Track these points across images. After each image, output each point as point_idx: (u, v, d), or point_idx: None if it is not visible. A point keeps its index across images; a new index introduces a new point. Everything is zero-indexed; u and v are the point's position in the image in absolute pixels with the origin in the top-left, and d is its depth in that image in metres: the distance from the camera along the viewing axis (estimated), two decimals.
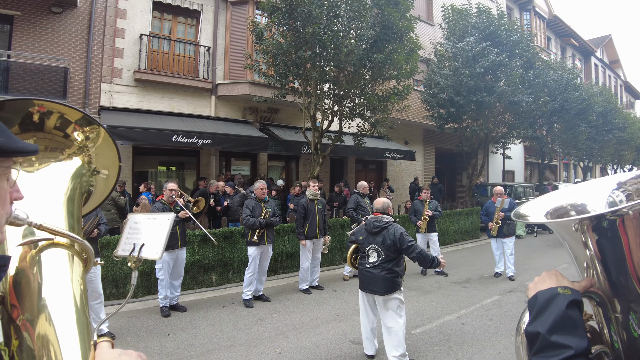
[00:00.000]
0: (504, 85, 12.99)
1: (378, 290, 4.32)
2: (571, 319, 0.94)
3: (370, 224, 4.50)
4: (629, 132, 24.28)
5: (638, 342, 1.13)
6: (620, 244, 1.15)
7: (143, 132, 9.28)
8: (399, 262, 4.38)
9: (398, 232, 4.32)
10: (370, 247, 4.43)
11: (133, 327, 5.53)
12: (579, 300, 0.99)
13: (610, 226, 1.16)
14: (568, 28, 28.23)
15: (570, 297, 0.99)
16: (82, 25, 10.26)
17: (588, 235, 1.19)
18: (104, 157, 1.39)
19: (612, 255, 1.17)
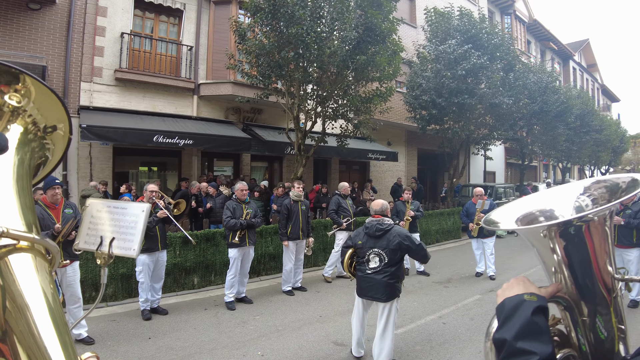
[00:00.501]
0: (485, 88, 13.16)
1: (380, 297, 4.17)
2: (536, 326, 0.97)
3: (372, 227, 4.31)
4: (605, 134, 24.91)
5: (605, 344, 1.17)
6: (586, 249, 1.19)
7: (123, 133, 9.14)
8: (400, 266, 4.28)
9: (403, 233, 4.20)
10: (371, 251, 4.24)
11: (113, 331, 5.45)
12: (545, 307, 1.02)
13: (577, 232, 1.19)
14: (547, 32, 28.80)
15: (536, 303, 1.01)
16: (61, 22, 10.04)
17: (555, 241, 1.22)
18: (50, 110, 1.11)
19: (579, 260, 1.20)
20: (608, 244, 1.22)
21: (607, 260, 1.20)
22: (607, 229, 1.22)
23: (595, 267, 1.19)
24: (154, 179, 11.57)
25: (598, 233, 1.20)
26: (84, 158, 10.12)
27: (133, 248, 1.68)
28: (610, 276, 1.19)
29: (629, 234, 6.95)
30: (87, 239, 1.70)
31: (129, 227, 1.72)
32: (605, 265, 1.20)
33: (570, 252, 1.21)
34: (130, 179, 11.61)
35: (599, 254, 1.20)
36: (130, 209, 1.78)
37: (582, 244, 1.19)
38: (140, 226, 1.71)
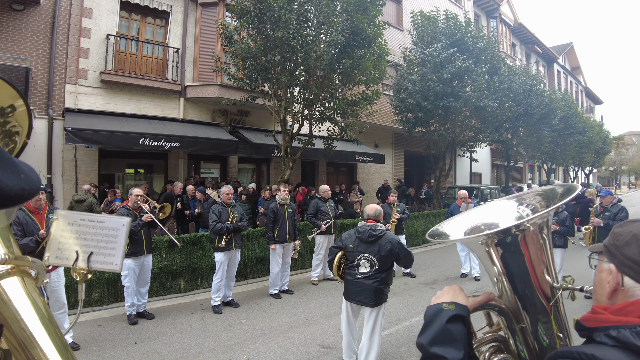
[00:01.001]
0: (470, 91, 13.33)
1: (367, 302, 4.15)
2: (450, 333, 1.05)
3: (365, 232, 4.25)
4: (588, 136, 25.39)
5: (547, 350, 1.23)
6: (523, 258, 1.25)
7: (109, 135, 9.07)
8: (390, 272, 4.27)
9: (395, 240, 4.18)
10: (362, 256, 4.21)
11: (99, 336, 5.42)
12: (461, 315, 1.09)
13: (513, 241, 1.25)
14: (532, 35, 29.23)
15: (453, 312, 1.09)
16: (45, 23, 9.94)
17: (493, 251, 1.28)
18: None
19: (516, 269, 1.26)
20: (546, 252, 1.27)
21: (544, 269, 1.26)
22: (544, 238, 1.27)
23: (533, 277, 1.25)
24: (140, 183, 11.51)
25: (534, 242, 1.25)
26: (69, 161, 10.03)
27: (115, 262, 1.64)
28: (549, 285, 1.25)
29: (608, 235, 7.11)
30: (59, 254, 1.62)
31: (109, 242, 1.67)
32: (543, 275, 1.25)
33: (507, 262, 1.27)
34: (116, 182, 11.53)
35: (536, 264, 1.25)
36: (108, 223, 1.73)
37: (518, 253, 1.25)
38: (122, 240, 1.67)
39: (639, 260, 0.96)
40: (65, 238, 1.65)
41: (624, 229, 1.02)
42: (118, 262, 1.63)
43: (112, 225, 1.71)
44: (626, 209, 7.35)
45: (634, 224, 1.02)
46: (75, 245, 1.62)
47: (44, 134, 9.70)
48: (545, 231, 1.28)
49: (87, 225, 1.70)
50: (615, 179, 56.38)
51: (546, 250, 1.28)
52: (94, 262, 1.59)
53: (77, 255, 1.59)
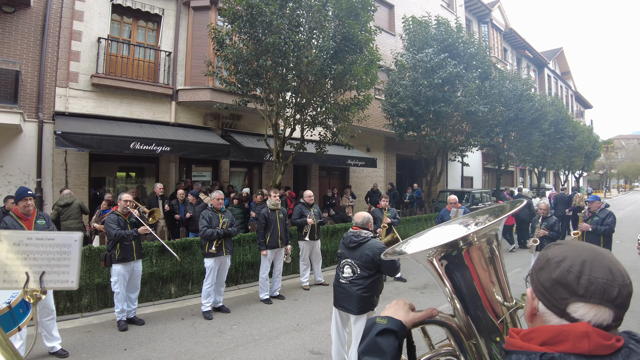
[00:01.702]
0: (461, 96, 13.43)
1: (351, 309, 4.16)
2: (377, 345, 1.12)
3: (347, 238, 4.31)
4: (578, 140, 25.66)
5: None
6: (470, 276, 1.26)
7: (100, 140, 9.01)
8: (376, 279, 4.20)
9: (377, 248, 4.14)
10: (345, 261, 4.25)
11: (88, 342, 5.38)
12: (392, 329, 1.15)
13: (457, 255, 1.26)
14: (523, 40, 29.53)
15: (384, 326, 1.16)
16: (35, 26, 9.87)
17: (438, 266, 1.30)
18: None
19: (465, 287, 1.28)
20: (496, 270, 1.28)
21: (494, 289, 1.27)
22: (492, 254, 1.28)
23: (483, 296, 1.26)
24: (130, 186, 11.46)
25: (480, 258, 1.26)
26: (59, 165, 9.95)
27: (71, 280, 1.57)
28: (499, 304, 1.26)
29: (596, 241, 7.22)
30: (7, 277, 1.51)
31: (62, 259, 1.59)
32: (493, 295, 1.26)
33: (455, 279, 1.29)
34: (107, 185, 11.46)
35: (485, 283, 1.26)
36: (59, 239, 1.66)
37: (464, 268, 1.26)
38: (76, 255, 1.59)
39: (547, 285, 0.95)
40: (12, 260, 1.56)
41: (544, 253, 1.01)
42: (74, 279, 1.56)
43: (64, 242, 1.63)
44: (614, 214, 7.44)
45: (553, 247, 1.01)
46: (24, 266, 1.54)
47: (33, 138, 9.63)
48: (493, 248, 1.29)
49: (36, 244, 1.62)
50: (605, 182, 57.04)
51: (496, 268, 1.28)
52: (47, 281, 1.52)
53: (28, 277, 1.50)
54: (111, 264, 5.77)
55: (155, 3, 11.51)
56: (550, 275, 0.95)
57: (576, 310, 0.91)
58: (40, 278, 1.48)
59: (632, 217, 23.26)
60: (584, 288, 0.89)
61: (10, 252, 1.55)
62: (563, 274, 0.92)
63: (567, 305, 0.91)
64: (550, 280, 0.94)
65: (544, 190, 22.71)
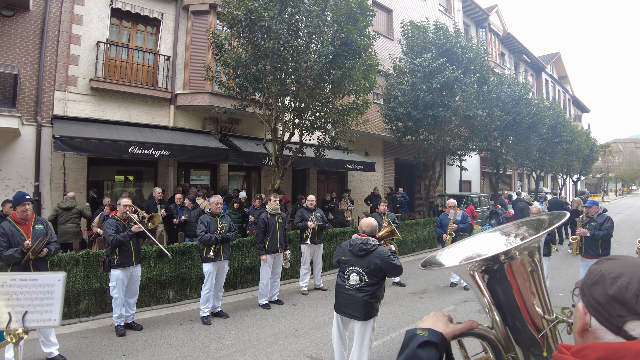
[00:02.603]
0: (459, 101, 13.46)
1: (357, 316, 4.16)
2: (419, 357, 1.12)
3: (355, 246, 4.28)
4: (576, 144, 25.75)
5: None
6: (511, 288, 1.24)
7: (98, 143, 9.00)
8: (381, 286, 4.25)
9: (385, 257, 4.15)
10: (352, 269, 4.23)
11: (86, 348, 5.36)
12: (433, 342, 1.14)
13: (499, 269, 1.25)
14: (521, 45, 29.65)
15: (425, 338, 1.15)
16: (34, 30, 9.87)
17: (479, 279, 1.29)
18: None
19: (505, 299, 1.26)
20: (536, 283, 1.26)
21: (534, 301, 1.25)
22: (534, 267, 1.26)
23: (523, 308, 1.24)
24: (128, 190, 11.42)
25: (522, 271, 1.24)
26: (57, 168, 9.93)
27: (54, 318, 1.58)
28: (540, 317, 1.24)
29: (594, 245, 7.25)
30: None
31: (45, 298, 1.60)
32: (534, 307, 1.24)
33: (495, 291, 1.27)
34: (105, 189, 11.43)
35: (525, 295, 1.24)
36: (42, 280, 1.67)
37: (505, 282, 1.25)
38: (59, 295, 1.60)
39: (603, 302, 0.93)
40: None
41: (596, 267, 0.99)
42: (56, 318, 1.57)
43: (47, 282, 1.65)
44: (611, 218, 7.45)
45: (606, 262, 0.99)
46: (7, 306, 1.55)
47: (32, 141, 9.61)
48: (534, 261, 1.27)
49: (19, 284, 1.63)
50: (603, 186, 57.19)
51: (537, 280, 1.26)
52: (29, 320, 1.54)
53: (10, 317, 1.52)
54: (110, 269, 5.76)
55: (154, 7, 11.52)
56: (605, 291, 0.92)
57: (635, 328, 0.88)
58: (22, 317, 1.48)
59: (630, 220, 23.32)
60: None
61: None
62: (620, 291, 0.90)
63: (625, 322, 0.89)
64: (606, 297, 0.92)
65: (544, 194, 22.69)
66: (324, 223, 8.39)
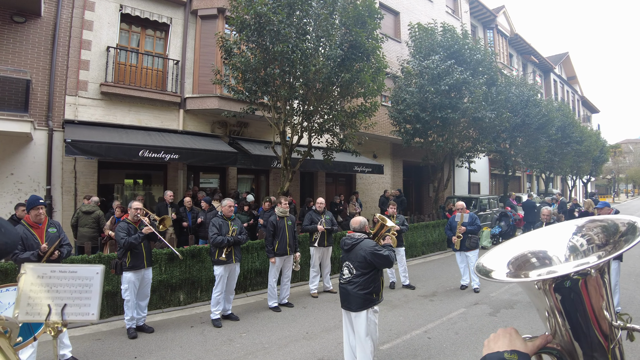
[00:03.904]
0: (468, 102, 13.42)
1: (350, 307, 4.37)
2: None
3: (342, 242, 4.58)
4: (585, 145, 25.53)
5: None
6: (582, 299, 1.14)
7: (108, 147, 9.08)
8: (373, 277, 4.36)
9: (368, 248, 4.30)
10: (344, 264, 4.49)
11: (98, 350, 5.40)
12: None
13: (573, 285, 1.14)
14: (528, 46, 29.50)
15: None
16: (46, 35, 10.00)
17: (550, 294, 1.16)
18: None
19: (573, 308, 1.15)
20: (605, 288, 1.16)
21: (603, 304, 1.15)
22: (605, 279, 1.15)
23: (591, 314, 1.14)
24: (138, 194, 11.50)
25: (595, 285, 1.14)
26: (68, 172, 10.03)
27: (92, 312, 1.56)
28: (607, 323, 1.15)
29: None
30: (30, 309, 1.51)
31: (83, 291, 1.60)
32: (602, 311, 1.14)
33: (565, 304, 1.16)
34: (115, 192, 11.52)
35: (595, 303, 1.14)
36: (81, 272, 1.67)
37: (578, 297, 1.14)
38: (97, 288, 1.58)
39: None
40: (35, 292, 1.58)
41: None
42: (95, 312, 1.56)
43: (86, 274, 1.65)
44: None
45: None
46: (47, 298, 1.55)
47: (43, 146, 9.72)
48: (607, 272, 1.15)
49: (59, 276, 1.64)
50: (613, 187, 56.58)
51: (606, 288, 1.16)
52: (68, 314, 1.52)
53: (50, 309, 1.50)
54: (122, 272, 5.80)
55: (163, 12, 11.63)
56: None
57: None
58: (61, 310, 1.47)
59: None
60: None
61: (34, 285, 1.57)
62: None
63: None
64: None
65: (553, 196, 22.48)
66: (333, 226, 8.37)
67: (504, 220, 14.92)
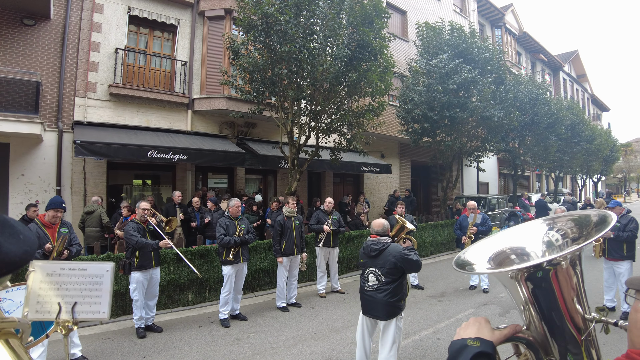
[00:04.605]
0: (476, 101, 13.33)
1: (380, 316, 4.19)
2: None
3: (367, 247, 4.35)
4: (596, 144, 25.24)
5: None
6: (553, 290, 1.19)
7: (117, 148, 9.15)
8: (401, 283, 4.21)
9: (398, 253, 4.12)
10: (369, 270, 4.27)
11: (107, 349, 5.43)
12: (487, 352, 1.07)
13: (544, 276, 1.20)
14: (537, 44, 29.26)
15: (477, 349, 1.07)
16: (55, 38, 10.10)
17: (522, 284, 1.23)
18: None
19: (546, 301, 1.21)
20: (577, 282, 1.21)
21: (575, 297, 1.20)
22: (577, 270, 1.21)
23: (563, 306, 1.19)
24: (147, 194, 11.57)
25: (566, 276, 1.19)
26: (77, 173, 10.12)
27: (103, 310, 1.56)
28: (580, 316, 1.19)
29: (618, 247, 7.06)
30: (39, 308, 1.51)
31: (94, 289, 1.59)
32: (574, 305, 1.20)
33: (537, 294, 1.21)
34: (124, 193, 11.60)
35: (566, 294, 1.20)
36: (90, 270, 1.67)
37: (549, 287, 1.20)
38: (107, 286, 1.58)
39: None
40: (45, 290, 1.58)
41: None
42: (105, 310, 1.55)
43: (95, 272, 1.65)
44: (636, 219, 7.27)
45: None
46: (57, 296, 1.55)
47: (53, 147, 9.81)
48: (578, 265, 1.22)
49: (68, 274, 1.64)
50: (624, 186, 55.95)
51: (578, 279, 1.22)
52: (79, 312, 1.52)
53: (60, 307, 1.50)
54: (130, 272, 5.83)
55: (170, 14, 11.69)
56: None
57: None
58: (72, 309, 1.47)
59: None
60: None
61: (43, 283, 1.56)
62: None
63: None
64: None
65: (564, 195, 22.26)
66: (340, 227, 8.30)
67: (513, 220, 14.78)
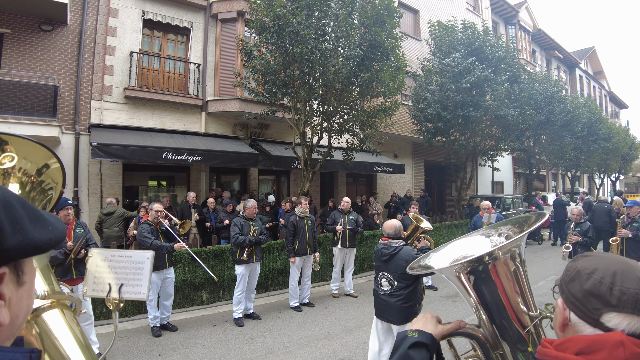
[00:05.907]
0: (490, 100, 13.21)
1: (394, 320, 4.14)
2: (410, 358, 1.16)
3: (378, 251, 4.28)
4: (614, 142, 24.73)
5: None
6: (496, 288, 1.29)
7: (133, 150, 9.29)
8: (416, 288, 4.13)
9: (411, 256, 3.99)
10: (382, 274, 4.22)
11: (124, 347, 5.53)
12: (424, 342, 1.18)
13: (484, 270, 1.29)
14: (552, 41, 28.84)
15: (415, 339, 1.19)
16: (72, 43, 10.30)
17: (465, 280, 1.33)
18: (34, 152, 1.19)
19: (491, 299, 1.30)
20: (520, 282, 1.30)
21: (519, 299, 1.29)
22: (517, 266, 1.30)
23: (508, 307, 1.29)
24: (162, 195, 11.72)
25: (506, 271, 1.28)
26: (94, 174, 10.30)
27: (142, 292, 1.79)
28: (524, 314, 1.28)
29: (637, 247, 6.95)
30: (95, 287, 1.80)
31: (136, 273, 1.84)
32: (519, 305, 1.28)
33: (481, 291, 1.31)
34: (139, 194, 11.77)
35: (510, 293, 1.29)
36: (134, 257, 1.91)
37: (490, 282, 1.29)
38: (147, 272, 1.81)
39: (580, 297, 0.97)
40: (100, 272, 1.84)
41: (573, 264, 1.04)
42: (145, 292, 1.79)
43: (138, 259, 1.89)
44: None
45: (582, 259, 1.04)
46: (109, 278, 1.80)
47: (70, 149, 10.01)
48: (517, 260, 1.31)
49: (117, 260, 1.88)
50: None
51: (520, 279, 1.30)
52: (124, 292, 1.78)
53: (110, 287, 1.75)
54: None
55: (184, 17, 11.83)
56: (582, 286, 0.97)
57: (610, 319, 0.93)
58: (119, 289, 1.71)
59: None
60: (617, 298, 0.92)
61: (99, 266, 1.82)
62: (595, 286, 0.95)
63: (601, 315, 0.94)
64: (582, 292, 0.97)
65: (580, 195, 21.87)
66: (356, 227, 8.21)
67: None
